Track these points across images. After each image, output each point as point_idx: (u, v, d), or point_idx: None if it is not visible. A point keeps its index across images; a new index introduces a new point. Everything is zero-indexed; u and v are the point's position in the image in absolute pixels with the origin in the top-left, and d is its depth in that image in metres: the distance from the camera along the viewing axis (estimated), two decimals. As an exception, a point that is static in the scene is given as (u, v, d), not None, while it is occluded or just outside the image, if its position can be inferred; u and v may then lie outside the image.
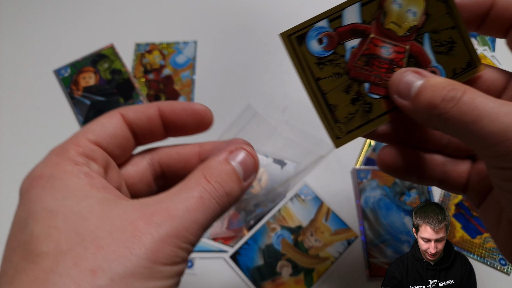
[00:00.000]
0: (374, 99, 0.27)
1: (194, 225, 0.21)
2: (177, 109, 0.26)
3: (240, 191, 0.24)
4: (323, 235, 0.50)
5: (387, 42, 0.27)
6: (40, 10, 0.70)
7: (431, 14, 0.27)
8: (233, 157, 0.24)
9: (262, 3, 0.71)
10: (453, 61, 0.27)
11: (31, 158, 0.56)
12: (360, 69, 0.27)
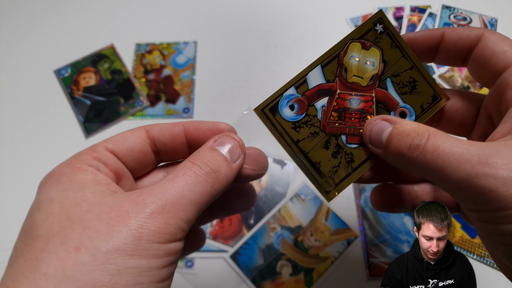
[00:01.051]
0: (353, 148, 0.29)
1: (181, 200, 0.22)
2: (202, 128, 0.27)
3: (230, 170, 0.25)
4: (323, 235, 0.50)
5: (354, 94, 0.29)
6: (41, 10, 0.70)
7: (388, 60, 0.29)
8: (217, 144, 0.26)
9: (262, 4, 0.71)
10: (419, 98, 0.29)
11: (31, 157, 0.56)
12: (334, 124, 0.29)
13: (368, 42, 0.29)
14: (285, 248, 0.49)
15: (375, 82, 0.29)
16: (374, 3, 0.71)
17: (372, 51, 0.29)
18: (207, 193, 0.23)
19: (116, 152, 0.25)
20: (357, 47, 0.29)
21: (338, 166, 0.29)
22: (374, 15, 0.30)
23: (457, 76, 0.62)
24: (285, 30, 0.68)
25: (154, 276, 0.20)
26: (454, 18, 0.69)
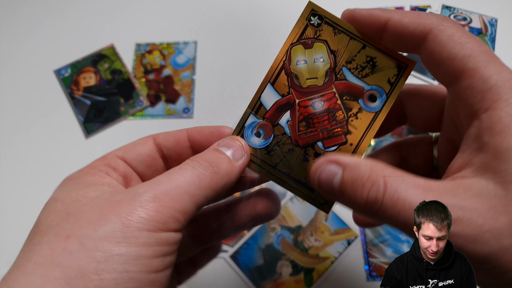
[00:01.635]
0: (334, 151, 0.27)
1: (175, 190, 0.21)
2: (204, 131, 0.28)
3: (231, 167, 0.25)
4: (323, 235, 0.50)
5: (313, 97, 0.27)
6: (41, 10, 0.70)
7: (337, 49, 0.27)
8: (220, 145, 0.26)
9: (262, 4, 0.71)
10: (383, 74, 0.27)
11: (31, 157, 0.56)
12: (305, 134, 0.27)
13: (309, 40, 0.27)
14: (285, 248, 0.49)
15: (331, 76, 0.27)
16: (374, 3, 0.71)
17: (316, 47, 0.27)
18: (205, 186, 0.23)
19: (125, 158, 0.26)
20: (299, 49, 0.28)
21: None
22: (304, 10, 0.27)
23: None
24: (285, 30, 0.68)
25: (144, 265, 0.20)
26: (454, 18, 0.69)
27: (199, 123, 0.58)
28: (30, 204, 0.53)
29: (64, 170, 0.55)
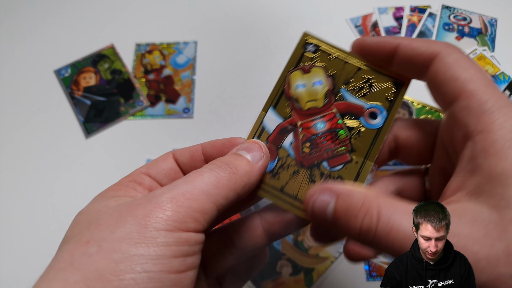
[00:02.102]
0: (340, 170, 0.27)
1: (192, 190, 0.22)
2: (217, 144, 0.28)
3: (250, 168, 0.25)
4: (323, 235, 0.50)
5: (315, 118, 0.28)
6: (41, 10, 0.70)
7: (334, 72, 0.28)
8: (238, 149, 0.26)
9: (262, 4, 0.71)
10: (381, 93, 0.28)
11: (31, 157, 0.56)
12: (310, 155, 0.28)
13: (306, 65, 0.29)
14: (285, 248, 0.49)
15: (331, 98, 0.28)
16: (374, 3, 0.71)
17: (314, 72, 0.29)
18: (223, 186, 0.23)
19: (149, 173, 0.27)
20: (298, 75, 0.29)
21: None
22: (300, 40, 0.29)
23: (457, 76, 0.62)
24: (285, 30, 0.68)
25: (164, 265, 0.19)
26: (454, 18, 0.69)
27: (199, 123, 0.58)
28: (30, 204, 0.53)
29: (64, 170, 0.55)
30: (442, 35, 0.67)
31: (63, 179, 0.54)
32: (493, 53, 0.65)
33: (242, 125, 0.58)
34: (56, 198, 0.53)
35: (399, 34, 0.67)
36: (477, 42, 0.66)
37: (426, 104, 0.60)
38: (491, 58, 0.64)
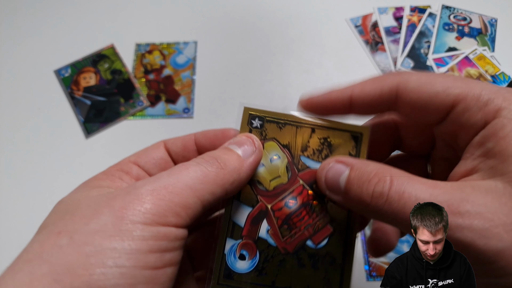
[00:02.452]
0: (325, 246, 0.26)
1: (176, 183, 0.20)
2: (209, 134, 0.28)
3: (240, 163, 0.24)
4: (323, 235, 0.50)
5: (284, 196, 0.26)
6: (41, 11, 0.70)
7: (288, 142, 0.27)
8: (229, 143, 0.25)
9: (262, 4, 0.71)
10: (342, 149, 0.26)
11: (31, 157, 0.56)
12: (291, 238, 0.25)
13: None
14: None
15: (293, 170, 0.26)
16: (374, 3, 0.71)
17: (267, 147, 0.27)
18: (210, 181, 0.21)
19: (138, 162, 0.26)
20: None
21: (326, 274, 0.26)
22: (243, 117, 0.27)
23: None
24: (285, 31, 0.68)
25: (138, 260, 0.18)
26: (454, 18, 0.69)
27: (199, 123, 0.58)
28: (30, 204, 0.53)
29: (64, 170, 0.55)
30: (442, 35, 0.67)
31: (63, 179, 0.54)
32: (493, 53, 0.65)
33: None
34: (56, 198, 0.53)
35: (399, 34, 0.67)
36: (477, 42, 0.66)
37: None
38: (491, 58, 0.64)
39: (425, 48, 0.66)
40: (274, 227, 0.26)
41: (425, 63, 0.64)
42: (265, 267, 0.25)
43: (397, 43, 0.66)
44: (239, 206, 0.26)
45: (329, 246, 0.26)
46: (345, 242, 0.26)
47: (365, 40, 0.67)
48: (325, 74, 0.63)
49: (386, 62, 0.65)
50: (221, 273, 0.25)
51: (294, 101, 0.61)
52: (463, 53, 0.64)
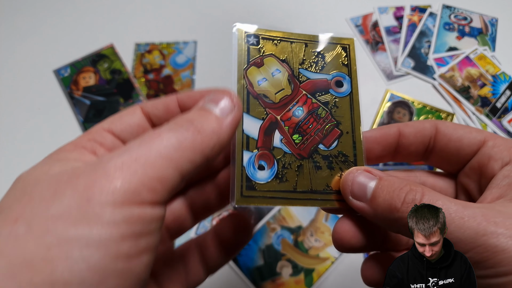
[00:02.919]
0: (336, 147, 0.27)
1: (148, 153, 0.18)
2: (194, 95, 0.25)
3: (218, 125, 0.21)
4: (323, 235, 0.50)
5: (291, 107, 0.27)
6: (40, 10, 0.70)
7: (285, 57, 0.28)
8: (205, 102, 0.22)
9: (262, 3, 0.71)
10: (335, 60, 0.29)
11: (31, 157, 0.56)
12: (304, 144, 0.27)
13: (257, 59, 0.28)
14: (285, 249, 0.49)
15: (295, 82, 0.28)
16: (374, 3, 0.71)
17: (267, 62, 0.28)
18: (187, 148, 0.19)
19: (113, 129, 0.23)
20: (254, 71, 0.28)
21: (341, 172, 0.27)
22: (238, 35, 0.30)
23: (457, 76, 0.62)
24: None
25: (109, 249, 0.16)
26: (455, 18, 0.69)
27: (199, 123, 0.58)
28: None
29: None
30: (442, 35, 0.67)
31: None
32: (493, 52, 0.65)
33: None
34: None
35: (400, 34, 0.67)
36: (478, 42, 0.66)
37: (427, 104, 0.60)
38: (492, 57, 0.64)
39: (425, 48, 0.65)
40: (286, 135, 0.27)
41: (425, 62, 0.64)
42: (284, 174, 0.26)
43: (397, 43, 0.66)
44: (250, 119, 0.27)
45: (340, 146, 0.27)
46: (353, 141, 0.28)
47: (365, 40, 0.67)
48: (325, 74, 0.63)
49: (386, 61, 0.64)
50: (244, 185, 0.25)
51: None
52: (463, 52, 0.64)
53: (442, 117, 0.59)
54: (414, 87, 0.62)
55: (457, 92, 0.61)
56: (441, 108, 0.60)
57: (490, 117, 0.59)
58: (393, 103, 0.60)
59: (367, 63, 0.65)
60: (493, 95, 0.60)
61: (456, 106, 0.60)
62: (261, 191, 0.25)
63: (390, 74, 0.63)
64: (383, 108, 0.60)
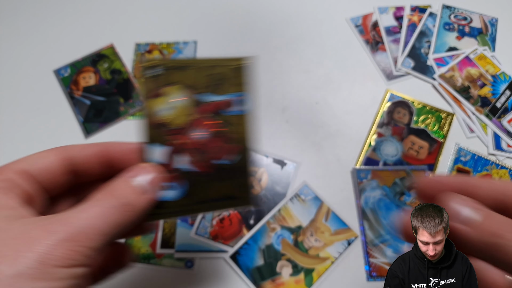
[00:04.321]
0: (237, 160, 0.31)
1: (89, 230, 0.22)
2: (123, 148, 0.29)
3: (141, 203, 0.26)
4: (323, 235, 0.50)
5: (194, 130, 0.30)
6: (40, 10, 0.70)
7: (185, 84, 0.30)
8: (132, 175, 0.26)
9: (262, 3, 0.71)
10: (231, 81, 0.31)
11: (30, 158, 0.56)
12: (209, 162, 0.30)
13: (158, 89, 0.29)
14: (285, 248, 0.49)
15: (197, 106, 0.30)
16: (374, 3, 0.71)
17: (167, 91, 0.30)
18: (118, 225, 0.24)
19: (30, 171, 0.26)
20: (155, 101, 0.29)
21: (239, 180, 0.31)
22: (139, 70, 0.31)
23: (457, 76, 0.62)
24: (285, 30, 0.68)
25: None
26: (455, 18, 0.69)
27: (199, 123, 0.58)
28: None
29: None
30: (442, 35, 0.67)
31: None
32: (493, 52, 0.65)
33: (242, 125, 0.58)
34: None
35: (400, 34, 0.67)
36: (478, 42, 0.66)
37: (427, 104, 0.60)
38: (492, 57, 0.64)
39: (425, 47, 0.65)
40: (189, 156, 0.30)
41: (425, 62, 0.64)
42: (191, 191, 0.30)
43: (397, 43, 0.66)
44: (155, 148, 0.29)
45: (239, 160, 0.31)
46: (247, 154, 0.31)
47: (365, 40, 0.67)
48: (325, 74, 0.63)
49: (386, 61, 0.64)
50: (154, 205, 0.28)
51: (294, 101, 0.61)
52: (463, 52, 0.64)
53: (442, 117, 0.59)
54: (414, 87, 0.62)
55: (457, 92, 0.61)
56: (441, 108, 0.60)
57: (490, 117, 0.59)
58: (393, 103, 0.60)
59: (367, 63, 0.65)
60: (493, 95, 0.60)
61: (456, 106, 0.60)
62: (168, 208, 0.29)
63: (390, 74, 0.63)
64: (383, 108, 0.60)
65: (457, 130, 0.59)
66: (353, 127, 0.59)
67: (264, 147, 0.56)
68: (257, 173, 0.53)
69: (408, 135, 0.57)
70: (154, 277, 0.47)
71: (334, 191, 0.53)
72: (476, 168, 0.55)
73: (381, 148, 0.56)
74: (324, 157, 0.56)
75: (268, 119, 0.59)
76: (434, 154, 0.56)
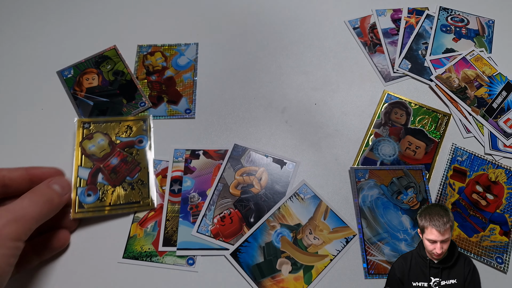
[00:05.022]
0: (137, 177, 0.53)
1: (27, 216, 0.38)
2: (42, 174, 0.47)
3: (60, 201, 0.44)
4: (322, 233, 0.51)
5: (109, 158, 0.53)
6: (44, 12, 0.71)
7: (106, 131, 0.56)
8: (52, 183, 0.45)
9: (262, 6, 0.72)
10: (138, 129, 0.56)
11: (34, 158, 0.57)
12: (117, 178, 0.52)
13: (89, 135, 0.54)
14: (285, 246, 0.50)
15: (113, 144, 0.54)
16: (372, 5, 0.72)
17: (95, 136, 0.55)
18: (44, 214, 0.41)
19: None
20: (87, 142, 0.54)
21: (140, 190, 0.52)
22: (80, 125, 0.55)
23: (454, 77, 0.63)
24: (285, 32, 0.69)
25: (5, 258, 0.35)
26: (452, 20, 0.70)
27: (201, 123, 0.59)
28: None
29: (68, 171, 0.56)
30: (439, 37, 0.68)
31: (66, 179, 0.55)
32: (490, 54, 0.66)
33: (242, 125, 0.59)
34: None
35: (397, 36, 0.68)
36: (475, 44, 0.67)
37: (424, 105, 0.61)
38: (488, 59, 0.65)
39: (422, 49, 0.66)
40: (106, 175, 0.52)
41: (422, 64, 0.65)
42: (104, 197, 0.50)
43: (395, 45, 0.67)
44: (83, 169, 0.52)
45: (139, 176, 0.52)
46: (147, 173, 0.53)
47: (363, 42, 0.68)
48: (323, 75, 0.64)
49: (384, 63, 0.65)
50: (76, 206, 0.49)
51: (293, 102, 0.62)
52: (460, 54, 0.65)
53: (439, 117, 0.60)
54: (411, 88, 0.63)
55: (453, 93, 0.62)
56: (438, 109, 0.61)
57: (487, 118, 0.60)
58: (390, 103, 0.61)
59: (365, 64, 0.66)
60: (490, 95, 0.61)
61: (453, 107, 0.61)
62: (87, 208, 0.49)
63: (387, 75, 0.64)
64: (380, 108, 0.61)
65: (453, 130, 0.60)
66: (351, 128, 0.59)
67: (264, 147, 0.57)
68: (257, 173, 0.54)
69: (405, 135, 0.58)
70: (156, 275, 0.48)
71: (332, 190, 0.54)
72: (472, 168, 0.56)
73: (379, 148, 0.57)
74: (322, 157, 0.57)
75: (268, 119, 0.60)
76: (431, 154, 0.57)
